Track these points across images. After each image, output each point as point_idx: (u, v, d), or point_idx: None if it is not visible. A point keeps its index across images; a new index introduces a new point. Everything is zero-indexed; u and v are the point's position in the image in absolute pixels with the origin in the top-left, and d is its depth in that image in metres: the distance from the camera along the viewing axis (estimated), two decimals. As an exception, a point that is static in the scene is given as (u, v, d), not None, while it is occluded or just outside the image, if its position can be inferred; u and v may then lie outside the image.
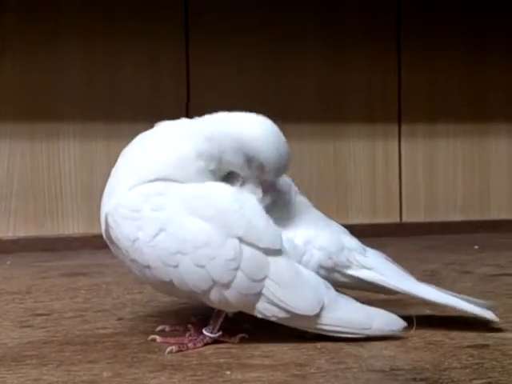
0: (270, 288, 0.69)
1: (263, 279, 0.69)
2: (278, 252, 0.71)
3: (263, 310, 0.70)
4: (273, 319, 0.71)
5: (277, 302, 0.70)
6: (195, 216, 0.69)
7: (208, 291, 0.69)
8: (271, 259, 0.70)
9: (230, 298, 0.70)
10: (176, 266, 0.69)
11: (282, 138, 0.71)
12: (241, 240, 0.69)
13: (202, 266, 0.68)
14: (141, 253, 0.69)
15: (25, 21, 1.52)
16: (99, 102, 1.55)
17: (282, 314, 0.70)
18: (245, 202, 0.71)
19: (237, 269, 0.69)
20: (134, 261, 0.70)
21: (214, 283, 0.69)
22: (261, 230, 0.70)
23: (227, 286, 0.69)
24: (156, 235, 0.69)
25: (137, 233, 0.69)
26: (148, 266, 0.70)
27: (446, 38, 1.79)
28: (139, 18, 1.58)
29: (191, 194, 0.70)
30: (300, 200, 0.78)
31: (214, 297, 0.70)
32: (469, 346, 0.71)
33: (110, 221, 0.71)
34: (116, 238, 0.71)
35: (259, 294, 0.70)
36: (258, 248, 0.69)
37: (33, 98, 1.52)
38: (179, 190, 0.70)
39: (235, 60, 1.65)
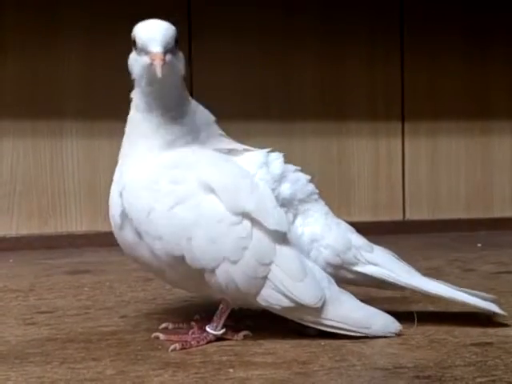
0: (276, 274, 0.70)
1: (270, 264, 0.70)
2: (285, 239, 0.71)
3: (267, 296, 0.70)
4: (276, 307, 0.71)
5: (282, 289, 0.70)
6: (209, 191, 0.70)
7: (216, 269, 0.69)
8: (279, 247, 0.70)
9: (236, 279, 0.69)
10: (189, 239, 0.69)
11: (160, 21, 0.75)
12: (250, 218, 0.70)
13: (214, 242, 0.69)
14: (155, 224, 0.70)
15: (26, 18, 1.51)
16: (102, 99, 1.55)
17: (286, 303, 0.70)
18: (254, 182, 0.72)
19: (246, 248, 0.69)
20: (146, 233, 0.70)
21: (224, 260, 0.69)
22: (269, 210, 0.71)
23: (235, 263, 0.69)
24: (172, 207, 0.69)
25: (153, 204, 0.70)
26: (160, 238, 0.70)
27: (449, 36, 1.79)
28: (142, 15, 1.57)
29: (205, 167, 0.72)
30: (310, 196, 0.78)
31: (222, 277, 0.70)
32: (472, 344, 0.71)
33: (126, 194, 0.71)
34: (130, 210, 0.71)
35: (265, 279, 0.70)
36: (266, 230, 0.70)
37: (35, 96, 1.52)
38: (193, 163, 0.72)
39: (238, 59, 1.64)
